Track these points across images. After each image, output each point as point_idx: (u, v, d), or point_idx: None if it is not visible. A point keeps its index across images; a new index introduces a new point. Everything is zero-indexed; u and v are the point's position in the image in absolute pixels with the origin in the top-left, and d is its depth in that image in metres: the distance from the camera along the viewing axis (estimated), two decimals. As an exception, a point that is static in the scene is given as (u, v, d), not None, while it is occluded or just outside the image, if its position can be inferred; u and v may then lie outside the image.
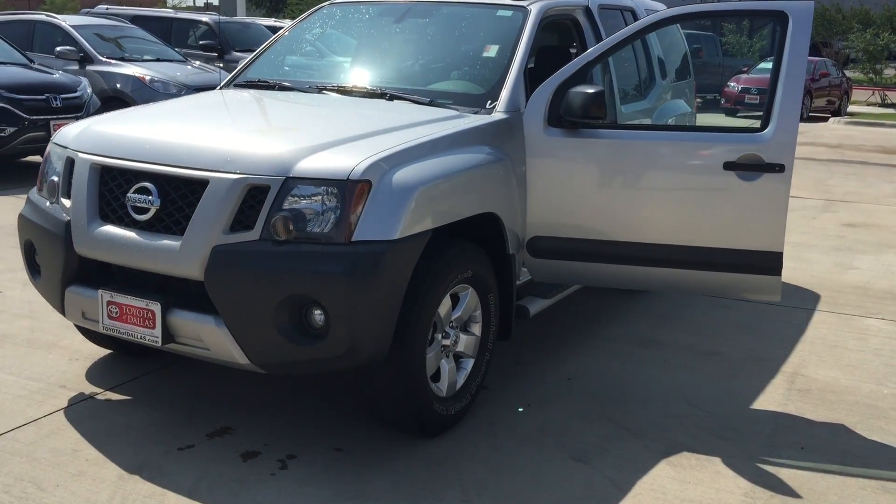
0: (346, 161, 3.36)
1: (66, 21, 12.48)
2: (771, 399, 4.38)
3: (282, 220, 3.29)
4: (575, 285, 4.73)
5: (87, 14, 15.88)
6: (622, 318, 5.51)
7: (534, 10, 4.65)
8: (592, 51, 4.27)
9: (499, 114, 4.16)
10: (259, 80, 4.77)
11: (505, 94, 4.23)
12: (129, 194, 3.53)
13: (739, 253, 4.17)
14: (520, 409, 4.14)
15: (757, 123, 4.07)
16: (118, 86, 11.65)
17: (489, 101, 4.21)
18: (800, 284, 6.44)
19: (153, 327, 3.47)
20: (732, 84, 21.22)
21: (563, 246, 4.34)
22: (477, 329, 4.00)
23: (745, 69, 22.80)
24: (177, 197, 3.45)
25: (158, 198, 3.47)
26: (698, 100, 7.51)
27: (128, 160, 3.58)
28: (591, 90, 4.05)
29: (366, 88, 4.41)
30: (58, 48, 11.83)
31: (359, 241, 3.29)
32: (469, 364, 3.98)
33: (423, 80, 4.60)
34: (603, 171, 4.23)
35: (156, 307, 3.45)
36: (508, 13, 4.69)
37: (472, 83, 4.42)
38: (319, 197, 3.31)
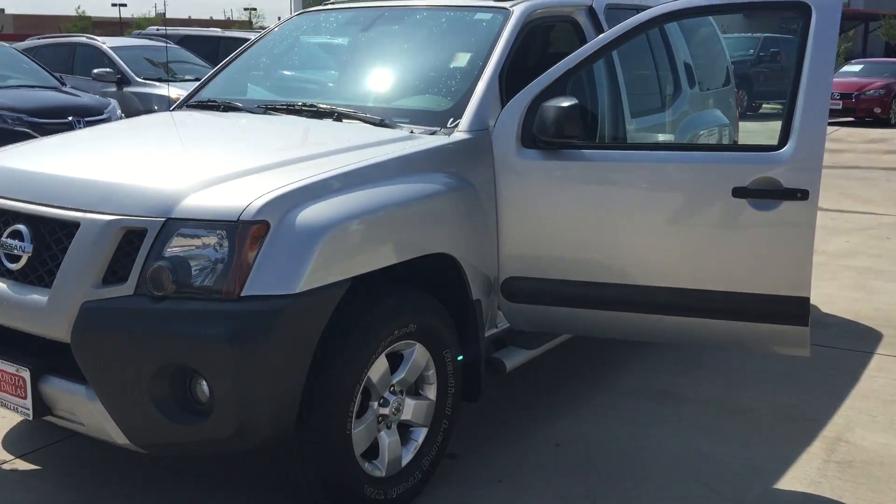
0: (239, 198, 2.76)
1: (105, 43, 12.30)
2: (802, 475, 3.59)
3: (159, 270, 2.70)
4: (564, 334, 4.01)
5: (138, 36, 15.78)
6: (639, 365, 4.76)
7: (517, 11, 3.97)
8: (573, 56, 3.58)
9: (461, 134, 3.50)
10: (209, 101, 4.22)
11: (470, 110, 3.57)
12: (1, 239, 3.00)
13: (755, 298, 3.41)
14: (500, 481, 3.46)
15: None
16: (155, 107, 11.37)
17: (451, 120, 3.56)
18: (860, 320, 5.57)
19: (24, 397, 2.92)
20: (813, 90, 19.94)
21: (543, 289, 3.65)
22: (431, 391, 3.35)
23: (828, 74, 21.46)
24: (51, 242, 2.90)
25: (31, 243, 2.93)
26: (776, 107, 6.59)
27: (2, 198, 3.05)
28: (564, 103, 3.37)
29: (315, 107, 3.81)
30: (95, 70, 11.63)
31: (250, 296, 2.67)
32: (421, 434, 3.32)
33: (384, 95, 3.98)
34: (587, 199, 3.53)
35: (26, 373, 2.90)
36: (487, 16, 4.03)
37: (437, 98, 3.77)
38: (206, 242, 2.72)
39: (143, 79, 11.72)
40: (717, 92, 5.71)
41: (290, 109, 3.87)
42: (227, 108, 4.06)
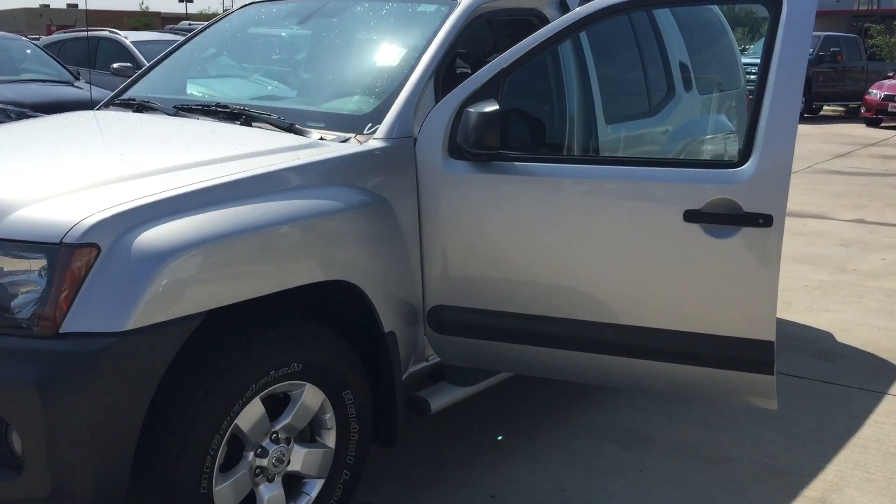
0: (67, 215, 2.35)
1: (127, 37, 12.12)
2: (769, 545, 3.08)
3: (-32, 300, 2.31)
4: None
5: (169, 31, 15.63)
6: (611, 397, 4.25)
7: (464, 1, 3.51)
8: (508, 53, 3.10)
9: (377, 142, 3.05)
10: (129, 99, 3.84)
11: (391, 116, 3.11)
12: None
13: (712, 341, 2.90)
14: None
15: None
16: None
17: (369, 125, 3.11)
18: (879, 352, 4.97)
19: None
20: (874, 91, 18.98)
21: (472, 320, 3.19)
22: (329, 438, 2.91)
23: (892, 74, 20.47)
24: None
25: None
26: (838, 109, 5.95)
27: None
28: (485, 108, 2.90)
29: (228, 109, 3.39)
30: (113, 65, 11.42)
31: (70, 333, 2.27)
32: (315, 487, 2.90)
33: (307, 96, 3.56)
34: (519, 220, 3.05)
35: None
36: (431, 7, 3.57)
37: (360, 101, 3.32)
38: (25, 267, 2.32)
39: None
40: (724, 95, 5.16)
41: (204, 110, 3.46)
42: (141, 107, 3.67)
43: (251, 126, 3.24)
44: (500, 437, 3.79)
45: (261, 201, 2.63)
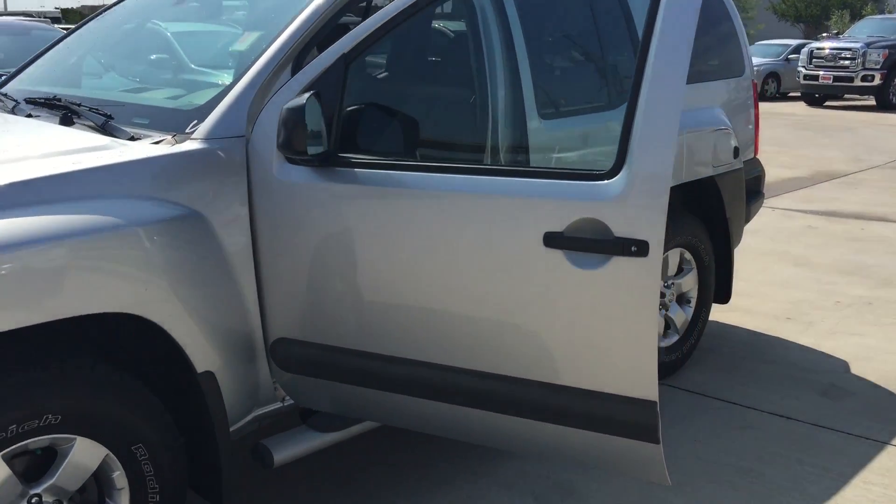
0: None
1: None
2: None
3: None
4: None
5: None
6: (551, 442, 3.64)
7: (343, -26, 2.96)
8: (349, 36, 2.54)
9: (195, 143, 2.54)
10: (-2, 92, 3.45)
11: (217, 112, 2.60)
12: None
13: (583, 396, 2.30)
14: None
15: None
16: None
17: (193, 123, 2.61)
18: (894, 388, 4.22)
19: None
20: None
21: (317, 357, 2.66)
22: (122, 499, 2.44)
23: None
24: None
25: None
26: None
27: None
28: (291, 104, 2.36)
29: (59, 102, 2.94)
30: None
31: None
32: (103, 556, 2.43)
33: (152, 87, 3.09)
34: (359, 240, 2.50)
35: None
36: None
37: (196, 94, 2.83)
38: None
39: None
40: (718, 85, 4.45)
41: (48, 103, 3.02)
42: (-6, 99, 3.26)
43: (71, 123, 2.78)
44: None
45: (15, 215, 2.15)
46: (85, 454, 2.33)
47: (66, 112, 2.81)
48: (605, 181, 2.17)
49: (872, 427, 3.78)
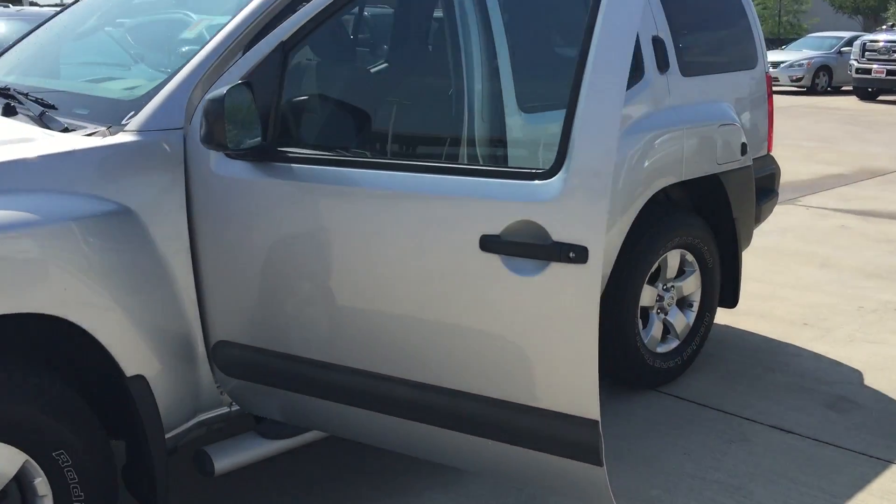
0: None
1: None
2: None
3: None
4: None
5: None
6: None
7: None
8: (290, 22, 2.39)
9: (128, 135, 2.42)
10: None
11: (154, 102, 2.48)
12: None
13: (523, 412, 2.14)
14: None
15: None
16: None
17: (130, 114, 2.49)
18: (914, 403, 3.95)
19: None
20: None
21: (259, 361, 2.53)
22: (40, 509, 2.33)
23: None
24: None
25: None
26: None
27: None
28: (211, 95, 2.22)
29: (5, 91, 2.84)
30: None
31: None
32: (23, 567, 2.32)
33: (100, 76, 2.99)
34: (299, 241, 2.36)
35: None
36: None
37: (138, 83, 2.70)
38: None
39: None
40: (727, 78, 4.22)
41: (2, 93, 2.93)
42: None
43: (14, 114, 2.68)
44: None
45: None
46: (1, 460, 2.23)
47: (8, 102, 2.71)
48: (544, 181, 2.00)
49: (877, 444, 3.54)
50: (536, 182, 2.01)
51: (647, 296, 3.88)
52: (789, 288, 5.58)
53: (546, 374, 2.06)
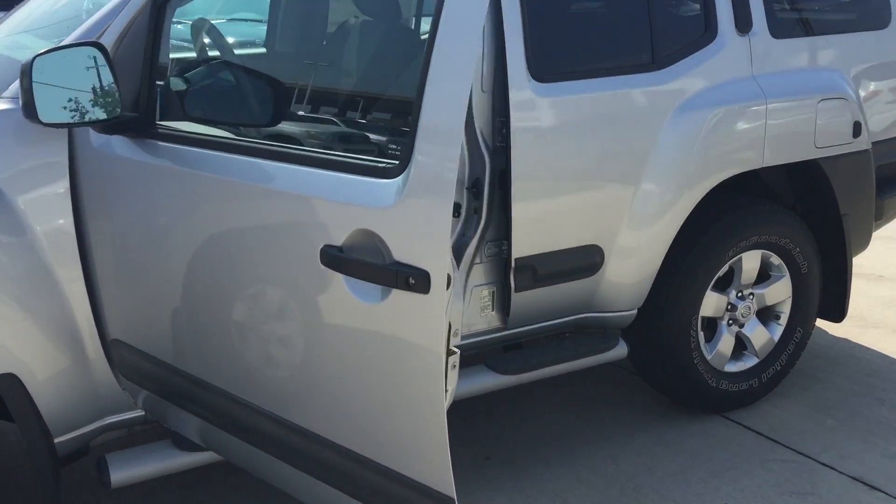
0: None
1: None
2: None
3: None
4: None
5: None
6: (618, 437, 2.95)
7: None
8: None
9: (3, 102, 2.13)
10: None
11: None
12: None
13: (383, 475, 1.67)
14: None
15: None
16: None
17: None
18: None
19: None
20: None
21: (149, 368, 2.19)
22: None
23: None
24: None
25: None
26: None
27: None
28: (27, 60, 1.86)
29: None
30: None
31: None
32: None
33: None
34: (169, 229, 1.99)
35: None
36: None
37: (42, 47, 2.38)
38: None
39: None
40: (845, 40, 3.41)
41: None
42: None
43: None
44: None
45: None
46: None
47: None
48: (388, 180, 1.50)
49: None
50: (381, 181, 1.52)
51: (712, 304, 3.21)
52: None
53: (397, 432, 1.58)
